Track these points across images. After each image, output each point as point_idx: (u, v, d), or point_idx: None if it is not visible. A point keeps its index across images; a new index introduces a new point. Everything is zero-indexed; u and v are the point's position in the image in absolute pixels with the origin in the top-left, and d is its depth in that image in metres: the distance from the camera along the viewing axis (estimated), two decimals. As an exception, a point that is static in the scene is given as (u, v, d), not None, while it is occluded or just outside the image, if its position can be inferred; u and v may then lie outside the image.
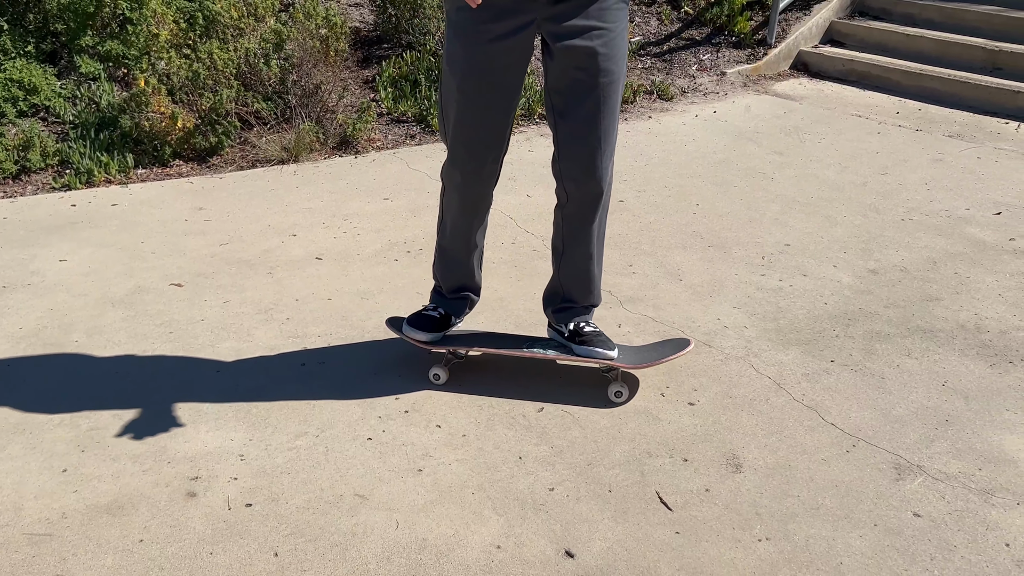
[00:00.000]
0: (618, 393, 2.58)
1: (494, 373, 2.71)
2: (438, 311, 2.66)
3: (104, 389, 2.63)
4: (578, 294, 2.60)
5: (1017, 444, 2.43)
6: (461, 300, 2.68)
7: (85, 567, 1.97)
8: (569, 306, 2.62)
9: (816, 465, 2.34)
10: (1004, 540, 2.09)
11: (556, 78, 2.27)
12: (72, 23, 4.93)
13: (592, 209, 2.41)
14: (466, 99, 2.27)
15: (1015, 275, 3.41)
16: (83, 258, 3.47)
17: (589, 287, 2.59)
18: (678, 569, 1.99)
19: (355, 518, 2.13)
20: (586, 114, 2.27)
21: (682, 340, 2.66)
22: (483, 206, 2.49)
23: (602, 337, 2.57)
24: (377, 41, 5.88)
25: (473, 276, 2.65)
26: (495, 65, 2.23)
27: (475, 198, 2.45)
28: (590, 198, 2.38)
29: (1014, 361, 2.83)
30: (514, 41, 2.19)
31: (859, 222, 3.90)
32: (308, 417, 2.51)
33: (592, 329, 2.59)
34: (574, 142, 2.30)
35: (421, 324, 2.62)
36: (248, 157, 4.58)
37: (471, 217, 2.50)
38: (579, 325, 2.60)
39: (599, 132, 2.29)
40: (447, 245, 2.59)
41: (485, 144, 2.32)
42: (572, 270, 2.55)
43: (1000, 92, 5.59)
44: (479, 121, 2.29)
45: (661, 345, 2.70)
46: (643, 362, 2.57)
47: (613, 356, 2.54)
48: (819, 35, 6.66)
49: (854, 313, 3.12)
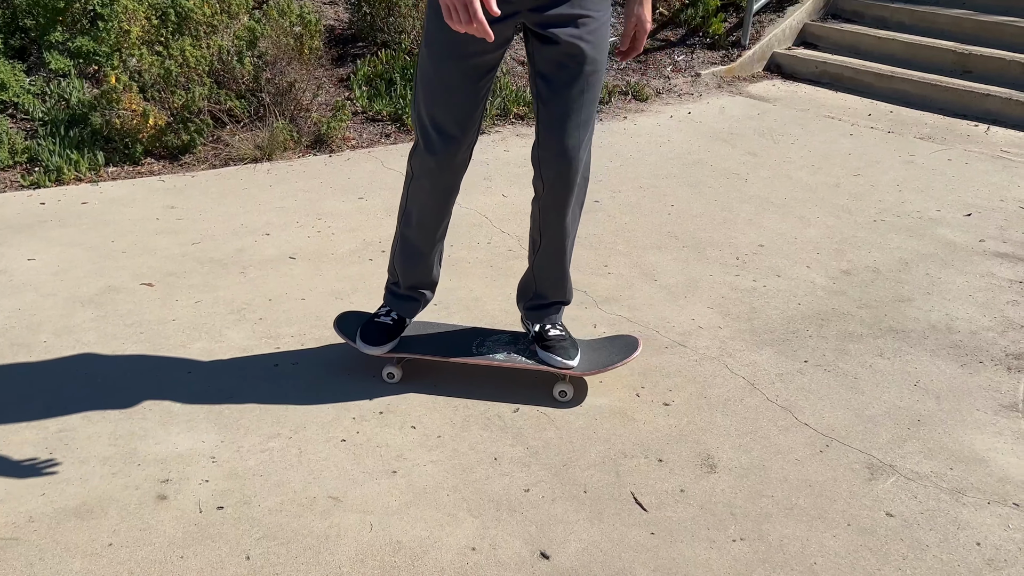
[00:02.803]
0: (562, 393, 2.58)
1: (469, 373, 2.70)
2: (391, 315, 2.62)
3: (73, 390, 2.59)
4: (550, 289, 2.58)
5: (987, 444, 2.46)
6: (414, 300, 2.63)
7: (52, 571, 1.94)
8: (540, 303, 2.61)
9: (790, 465, 2.35)
10: (975, 539, 2.11)
11: (542, 64, 2.26)
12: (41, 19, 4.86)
13: (566, 197, 2.39)
14: (443, 84, 2.25)
15: (985, 276, 3.45)
16: (52, 257, 3.42)
17: (561, 282, 2.58)
18: (653, 570, 1.99)
19: (328, 520, 2.11)
20: (568, 102, 2.27)
21: (631, 340, 2.66)
22: (452, 196, 2.46)
23: (565, 343, 2.57)
24: (352, 39, 5.85)
25: (432, 272, 2.61)
26: (474, 50, 2.21)
27: (446, 187, 2.42)
28: (565, 186, 2.36)
29: (984, 361, 2.86)
30: (496, 29, 2.18)
31: (832, 223, 3.93)
32: (281, 419, 2.48)
33: (558, 333, 2.59)
34: (554, 128, 2.29)
35: (373, 338, 2.59)
36: (221, 155, 4.53)
37: (440, 208, 2.47)
38: (545, 328, 2.59)
39: (579, 119, 2.29)
40: (411, 237, 2.53)
41: (459, 130, 2.31)
42: (545, 262, 2.53)
43: (970, 94, 5.66)
44: (455, 106, 2.27)
45: (611, 343, 2.68)
46: (594, 368, 2.56)
47: (571, 365, 2.54)
48: (792, 37, 6.71)
49: (827, 313, 3.14)
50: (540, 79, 2.28)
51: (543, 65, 2.26)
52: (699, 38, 6.50)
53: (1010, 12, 6.30)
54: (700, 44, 6.46)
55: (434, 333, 2.71)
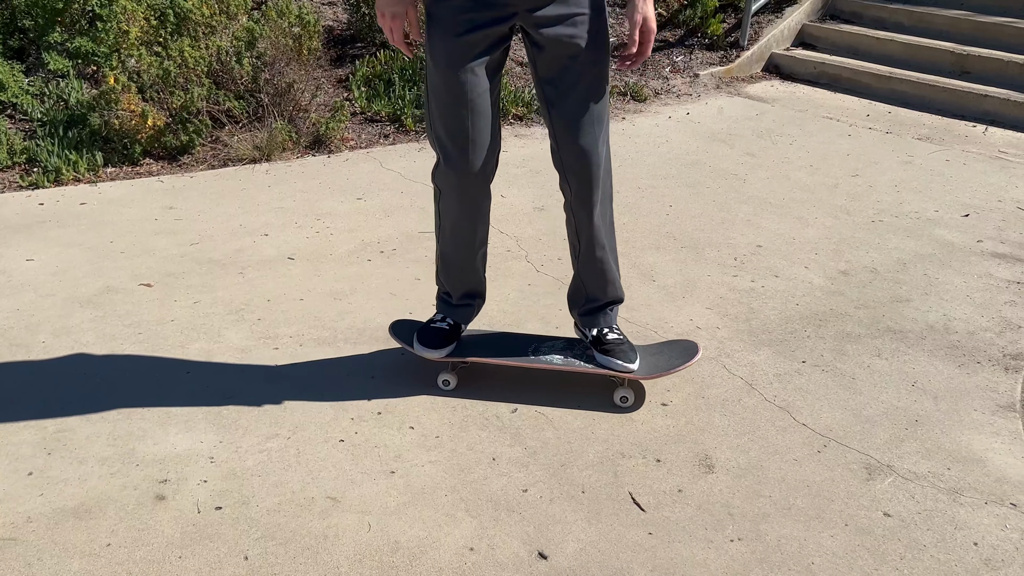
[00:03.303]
0: (623, 399, 2.56)
1: (468, 374, 2.70)
2: (446, 322, 2.60)
3: (71, 391, 2.59)
4: (597, 289, 2.54)
5: (985, 444, 2.46)
6: (468, 306, 2.61)
7: (51, 572, 1.94)
8: (593, 306, 2.57)
9: (788, 465, 2.35)
10: (972, 539, 2.11)
11: (545, 68, 2.25)
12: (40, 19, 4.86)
13: (592, 196, 2.36)
14: (451, 93, 2.23)
15: (983, 276, 3.46)
16: (50, 257, 3.42)
17: (606, 280, 2.53)
18: (651, 570, 1.99)
19: (327, 521, 2.11)
20: (576, 101, 2.25)
21: (690, 345, 2.62)
22: (484, 205, 2.42)
23: (624, 346, 2.54)
24: (351, 40, 5.85)
25: (480, 280, 2.59)
26: (471, 55, 2.20)
27: (474, 197, 2.38)
28: (589, 185, 2.34)
29: (982, 362, 2.87)
30: (493, 31, 2.18)
31: (830, 223, 3.93)
32: (279, 419, 2.48)
33: (616, 337, 2.56)
34: (569, 131, 2.28)
35: (431, 341, 2.57)
36: (220, 156, 4.53)
37: (473, 218, 2.43)
38: (602, 331, 2.56)
39: (591, 117, 2.27)
40: (450, 252, 2.50)
41: (475, 139, 2.28)
42: (589, 264, 2.50)
43: (968, 95, 5.67)
44: (466, 115, 2.25)
45: (668, 348, 2.65)
46: (653, 372, 2.53)
47: (632, 369, 2.52)
48: (791, 38, 6.71)
49: (825, 314, 3.14)
50: (545, 84, 2.27)
51: (545, 70, 2.26)
52: (698, 39, 6.51)
53: (1008, 13, 6.31)
54: (699, 45, 6.46)
55: (487, 339, 2.68)
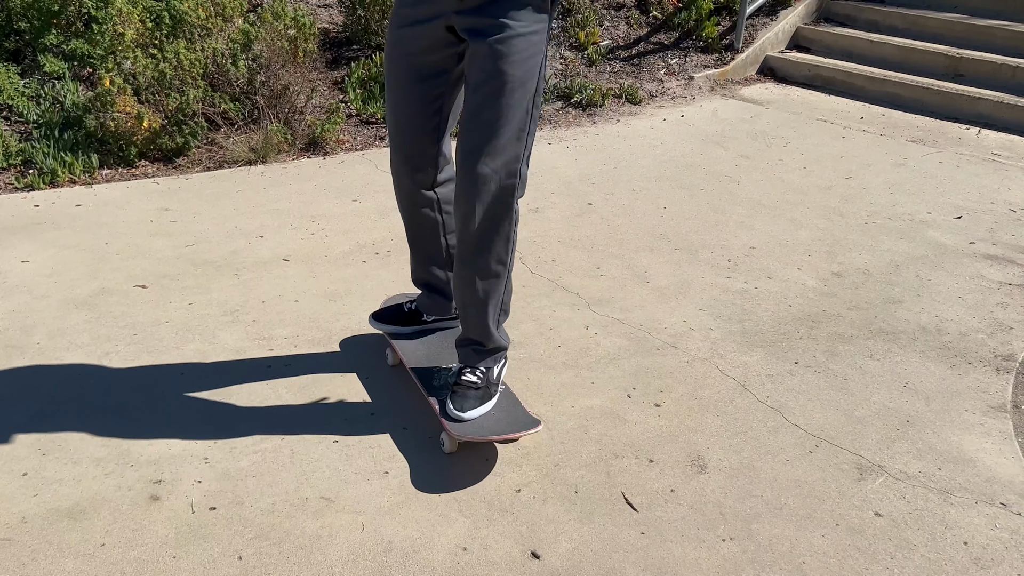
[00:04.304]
0: (440, 441, 2.38)
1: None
2: (411, 304, 2.70)
3: (66, 391, 2.59)
4: (466, 320, 2.35)
5: (976, 444, 2.47)
6: (424, 295, 2.66)
7: (45, 572, 1.95)
8: (461, 341, 2.41)
9: (780, 465, 2.36)
10: (962, 539, 2.12)
11: (467, 72, 2.17)
12: (36, 21, 4.87)
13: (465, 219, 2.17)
14: (391, 85, 2.28)
15: (975, 278, 3.47)
16: (46, 259, 3.42)
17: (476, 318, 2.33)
18: (643, 569, 2.00)
19: (320, 521, 2.12)
20: (472, 113, 2.10)
21: (532, 421, 2.34)
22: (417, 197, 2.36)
23: (470, 393, 2.32)
24: (346, 42, 5.86)
25: (430, 275, 2.58)
26: (410, 49, 2.22)
27: (406, 188, 2.37)
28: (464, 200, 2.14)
29: (973, 363, 2.88)
30: (427, 28, 2.17)
31: (823, 225, 3.95)
32: (274, 420, 2.49)
33: (469, 379, 2.35)
34: (462, 133, 2.13)
35: (382, 316, 2.69)
36: (215, 158, 4.54)
37: (409, 210, 2.43)
38: (462, 370, 2.38)
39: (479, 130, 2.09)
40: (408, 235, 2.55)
41: (406, 133, 2.29)
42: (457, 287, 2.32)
43: (961, 98, 5.69)
44: (401, 111, 2.28)
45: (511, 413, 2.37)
46: (478, 434, 2.27)
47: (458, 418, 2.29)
48: (785, 40, 6.73)
49: (818, 315, 3.16)
50: (467, 84, 2.15)
51: (468, 72, 2.14)
52: (692, 41, 6.52)
53: (1001, 16, 6.34)
54: (693, 47, 6.48)
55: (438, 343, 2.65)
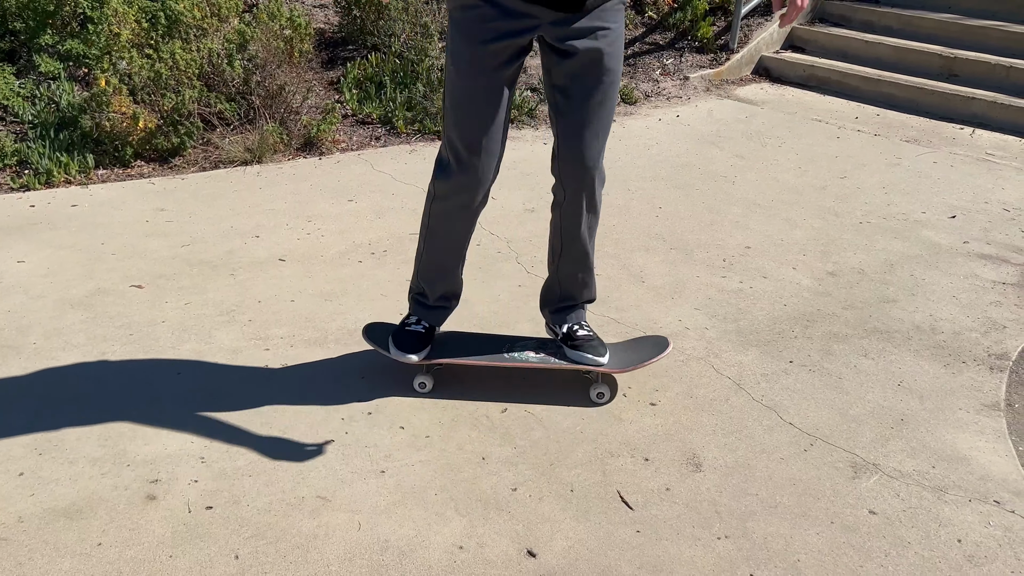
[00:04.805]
0: (600, 395, 2.61)
1: (458, 374, 2.72)
2: (421, 324, 2.61)
3: (62, 391, 2.59)
4: (575, 290, 2.62)
5: (969, 442, 2.49)
6: (443, 308, 2.63)
7: (42, 571, 1.95)
8: (565, 305, 2.65)
9: (775, 464, 2.37)
10: (956, 536, 2.13)
11: (559, 77, 2.28)
12: (31, 21, 4.86)
13: (586, 204, 2.43)
14: (469, 101, 2.26)
15: (968, 277, 3.49)
16: (42, 259, 3.42)
17: (585, 282, 2.61)
18: (638, 568, 2.01)
19: (317, 520, 2.12)
20: (587, 112, 2.30)
21: (661, 340, 2.69)
22: (479, 212, 2.46)
23: (594, 342, 2.59)
24: (342, 42, 5.86)
25: (458, 281, 2.62)
26: (493, 64, 2.22)
27: (474, 204, 2.41)
28: (585, 193, 2.40)
29: (967, 361, 2.89)
30: (515, 42, 2.20)
31: (818, 225, 3.96)
32: (270, 419, 2.50)
33: (585, 333, 2.62)
34: (574, 139, 2.32)
35: (407, 345, 2.57)
36: (211, 158, 4.54)
37: (468, 223, 2.46)
38: (573, 328, 2.62)
39: (596, 129, 2.32)
40: (436, 253, 2.52)
41: (487, 147, 2.31)
42: (570, 267, 2.57)
43: (955, 98, 5.71)
44: (481, 124, 2.28)
45: (640, 343, 2.72)
46: (626, 366, 2.59)
47: (602, 363, 2.57)
48: (780, 41, 6.75)
49: (813, 314, 3.17)
50: (558, 92, 2.31)
51: (560, 78, 2.29)
52: (688, 41, 6.54)
53: (995, 16, 6.36)
54: (689, 47, 6.49)
55: (462, 340, 2.72)
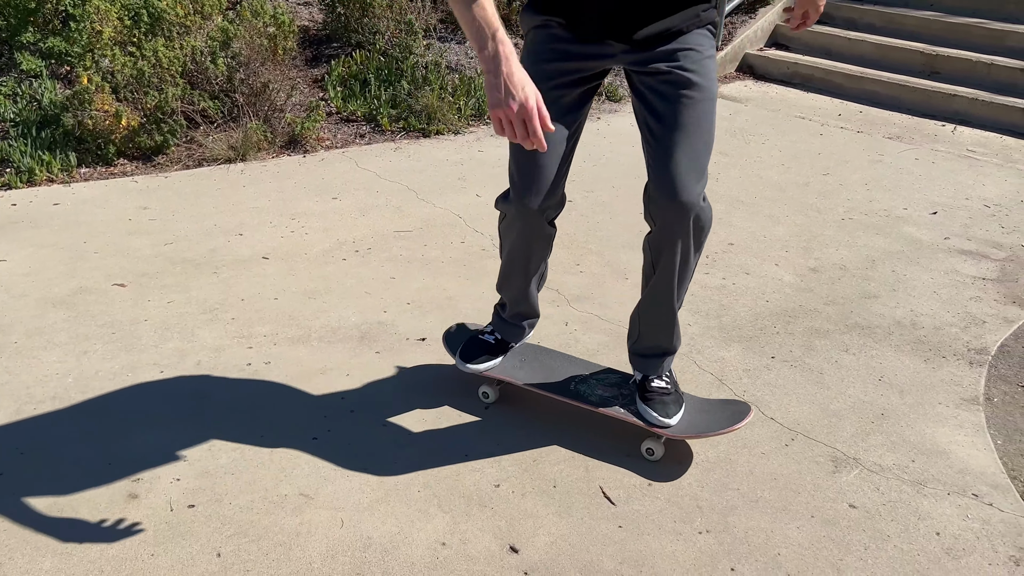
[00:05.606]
0: (649, 450, 2.38)
1: (441, 371, 2.72)
2: (494, 335, 2.55)
3: (44, 390, 2.58)
4: (652, 330, 2.36)
5: (949, 437, 2.51)
6: (519, 327, 2.55)
7: (23, 571, 1.95)
8: (641, 347, 2.40)
9: (756, 459, 2.39)
10: (935, 529, 2.15)
11: (647, 102, 2.11)
12: (13, 19, 4.83)
13: (676, 237, 2.14)
14: None
15: (949, 272, 3.51)
16: (23, 258, 3.41)
17: (663, 328, 2.34)
18: (620, 562, 2.02)
19: (299, 517, 2.12)
20: (679, 132, 2.08)
21: (742, 407, 2.40)
22: (541, 241, 2.32)
23: (667, 398, 2.36)
24: (326, 40, 5.85)
25: (532, 305, 2.51)
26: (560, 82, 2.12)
27: (530, 232, 2.28)
28: (676, 224, 2.11)
29: (947, 356, 2.92)
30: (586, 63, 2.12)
31: (801, 221, 3.98)
32: (253, 417, 2.49)
33: (661, 385, 2.38)
34: (665, 166, 2.09)
35: (471, 354, 2.52)
36: (194, 156, 4.53)
37: (527, 251, 2.33)
38: (648, 378, 2.39)
39: (691, 153, 2.08)
40: (506, 271, 2.43)
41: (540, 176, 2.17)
42: (651, 302, 2.31)
43: (937, 95, 5.75)
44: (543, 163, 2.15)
45: (718, 407, 2.44)
46: (694, 431, 2.32)
47: (669, 425, 2.31)
48: (764, 38, 6.78)
49: (795, 310, 3.19)
50: (649, 115, 2.11)
51: (648, 102, 2.11)
52: (672, 39, 6.55)
53: (977, 14, 6.40)
54: (673, 45, 6.50)
55: (537, 358, 2.60)
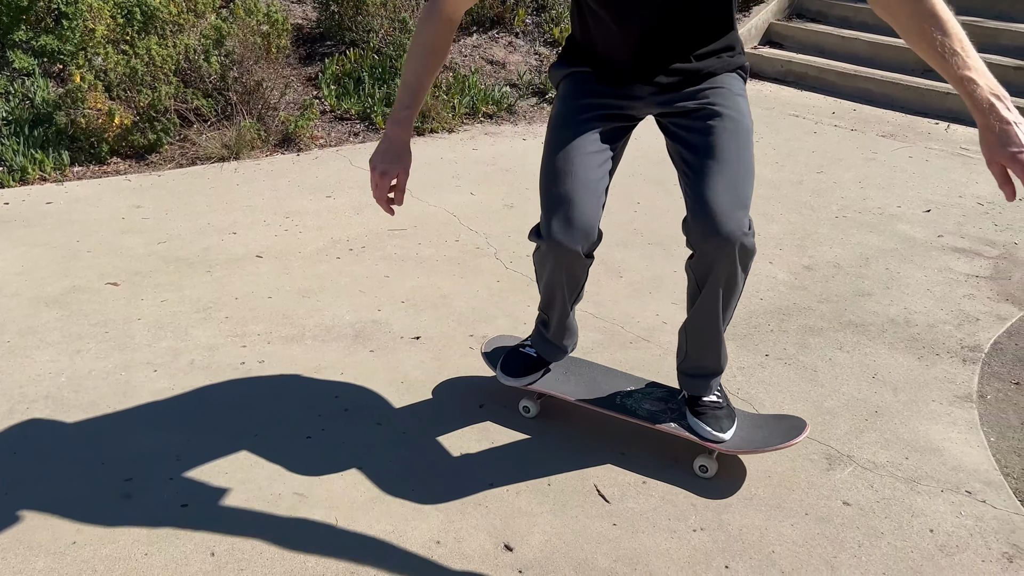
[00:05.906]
0: (703, 467, 2.31)
1: (436, 370, 2.72)
2: (535, 350, 2.48)
3: (36, 389, 2.58)
4: (696, 352, 2.27)
5: (942, 434, 2.51)
6: (557, 348, 2.45)
7: (15, 571, 1.94)
8: (688, 366, 2.32)
9: (750, 456, 2.39)
10: (928, 526, 2.16)
11: (680, 139, 2.08)
12: (5, 17, 4.82)
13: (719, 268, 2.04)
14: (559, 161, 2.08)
15: (943, 270, 3.52)
16: (16, 257, 3.39)
17: (715, 349, 2.25)
18: (615, 560, 2.02)
19: (294, 516, 2.12)
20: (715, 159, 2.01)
21: (797, 423, 2.33)
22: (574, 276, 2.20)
23: (720, 412, 2.29)
24: (320, 38, 5.84)
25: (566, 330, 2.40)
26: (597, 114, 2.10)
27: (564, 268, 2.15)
28: (718, 258, 2.02)
29: (940, 354, 2.92)
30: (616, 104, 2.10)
31: (795, 219, 3.99)
32: (247, 416, 2.49)
33: (713, 399, 2.31)
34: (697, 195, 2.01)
35: (513, 368, 2.46)
36: (188, 155, 4.52)
37: (560, 285, 2.22)
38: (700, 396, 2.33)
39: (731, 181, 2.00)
40: (544, 288, 2.31)
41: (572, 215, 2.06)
42: (698, 324, 2.21)
43: (931, 93, 5.76)
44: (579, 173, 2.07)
45: (773, 422, 2.38)
46: (749, 446, 2.26)
47: (723, 439, 2.25)
48: (758, 36, 6.78)
49: (789, 308, 3.19)
50: (684, 148, 2.06)
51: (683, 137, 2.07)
52: (666, 37, 6.55)
53: (970, 12, 6.41)
54: (667, 43, 6.51)
55: (581, 371, 2.55)
